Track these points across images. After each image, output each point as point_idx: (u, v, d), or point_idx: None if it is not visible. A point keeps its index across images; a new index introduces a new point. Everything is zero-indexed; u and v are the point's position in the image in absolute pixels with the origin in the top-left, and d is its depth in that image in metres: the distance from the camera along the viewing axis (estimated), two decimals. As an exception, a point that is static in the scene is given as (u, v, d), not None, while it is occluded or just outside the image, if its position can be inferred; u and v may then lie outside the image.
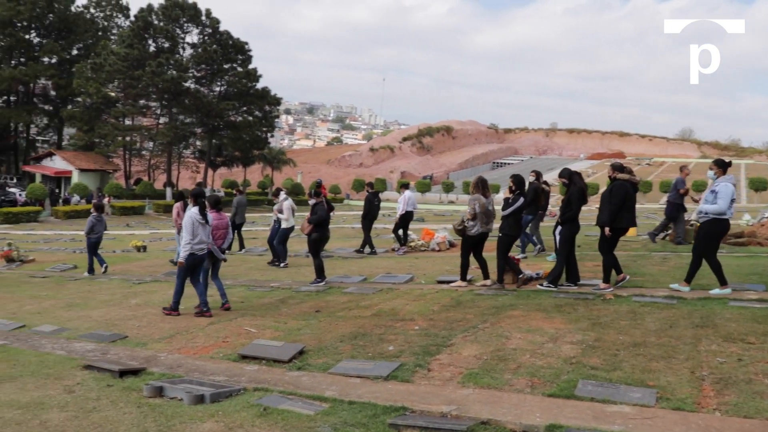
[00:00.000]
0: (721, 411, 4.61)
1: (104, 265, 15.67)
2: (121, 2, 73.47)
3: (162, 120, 60.23)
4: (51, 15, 63.39)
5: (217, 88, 59.38)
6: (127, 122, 61.60)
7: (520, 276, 9.95)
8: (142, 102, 58.84)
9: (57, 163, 58.87)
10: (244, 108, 58.91)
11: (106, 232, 16.49)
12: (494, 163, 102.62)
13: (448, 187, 64.89)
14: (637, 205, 10.53)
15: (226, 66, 57.59)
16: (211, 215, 9.76)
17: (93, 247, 15.72)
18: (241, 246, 18.58)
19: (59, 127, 71.63)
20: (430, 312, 8.45)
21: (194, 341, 7.65)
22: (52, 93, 68.33)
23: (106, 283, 13.47)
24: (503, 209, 9.96)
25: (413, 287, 10.48)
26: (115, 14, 73.28)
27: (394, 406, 4.94)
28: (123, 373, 6.16)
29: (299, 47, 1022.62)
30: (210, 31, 56.38)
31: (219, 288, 9.82)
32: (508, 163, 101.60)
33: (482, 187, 10.05)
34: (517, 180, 9.92)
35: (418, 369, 5.93)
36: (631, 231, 12.60)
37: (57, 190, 55.74)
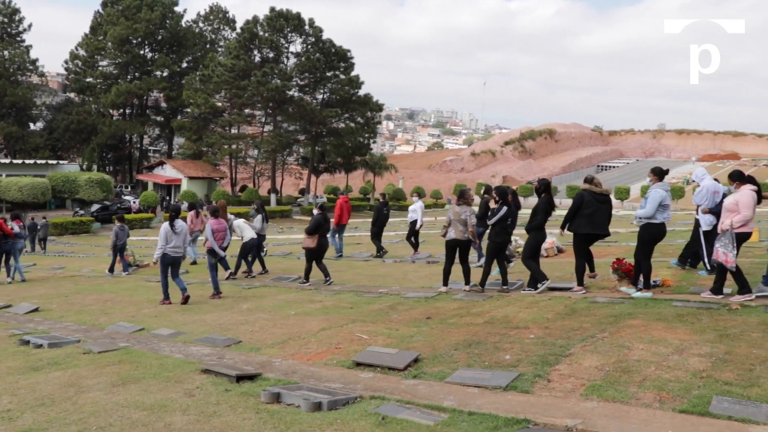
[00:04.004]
0: None
1: (129, 269, 18.36)
2: (228, 15, 76.00)
3: (266, 128, 61.92)
4: (162, 31, 66.29)
5: (320, 96, 60.42)
6: (233, 131, 63.63)
7: (504, 286, 10.77)
8: (247, 111, 60.62)
9: (168, 172, 61.46)
10: (347, 115, 59.70)
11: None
12: (599, 166, 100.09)
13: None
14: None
15: (329, 74, 58.48)
16: (211, 221, 12.84)
17: (118, 251, 18.06)
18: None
19: (170, 137, 74.83)
20: (544, 320, 8.19)
21: (307, 347, 7.68)
22: (164, 105, 71.46)
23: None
24: (488, 219, 10.78)
25: (525, 294, 10.22)
26: (222, 27, 75.79)
27: (517, 418, 4.76)
28: (240, 378, 6.22)
29: (403, 53, 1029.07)
30: (313, 40, 57.37)
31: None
32: (614, 166, 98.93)
33: (460, 197, 11.20)
34: (500, 191, 10.81)
35: (537, 379, 5.73)
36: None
37: (167, 198, 58.06)
